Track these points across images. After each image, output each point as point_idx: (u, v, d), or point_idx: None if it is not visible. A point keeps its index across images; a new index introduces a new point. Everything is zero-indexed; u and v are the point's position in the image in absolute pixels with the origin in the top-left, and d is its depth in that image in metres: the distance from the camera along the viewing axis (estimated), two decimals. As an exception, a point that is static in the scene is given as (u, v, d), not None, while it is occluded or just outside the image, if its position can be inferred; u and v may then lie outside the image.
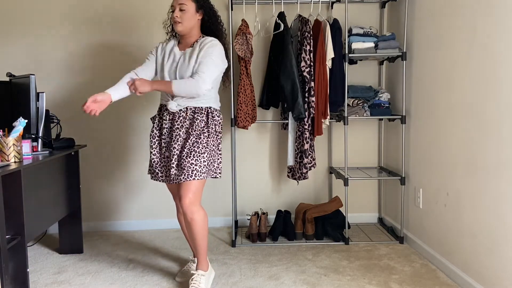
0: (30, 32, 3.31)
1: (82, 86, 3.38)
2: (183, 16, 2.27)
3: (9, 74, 2.72)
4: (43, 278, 2.58)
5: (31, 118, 2.51)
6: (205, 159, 2.25)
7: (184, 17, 2.28)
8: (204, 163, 2.25)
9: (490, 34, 2.09)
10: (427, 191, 2.77)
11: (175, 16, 2.27)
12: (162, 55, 2.37)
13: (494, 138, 2.07)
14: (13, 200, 2.15)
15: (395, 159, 3.29)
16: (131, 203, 3.49)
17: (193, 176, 2.21)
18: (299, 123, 3.04)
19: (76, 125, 3.40)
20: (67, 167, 2.83)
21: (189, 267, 2.55)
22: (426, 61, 2.74)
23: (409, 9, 2.98)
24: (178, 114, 2.29)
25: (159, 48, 2.41)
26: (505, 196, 2.00)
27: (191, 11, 2.29)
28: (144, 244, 3.14)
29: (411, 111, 2.98)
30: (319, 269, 2.63)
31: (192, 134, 2.26)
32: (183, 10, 2.27)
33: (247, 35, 2.98)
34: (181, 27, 2.29)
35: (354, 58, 3.29)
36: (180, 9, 2.27)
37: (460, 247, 2.39)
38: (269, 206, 3.54)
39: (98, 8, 3.33)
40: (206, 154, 2.26)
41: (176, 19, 2.27)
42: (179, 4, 2.27)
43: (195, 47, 2.30)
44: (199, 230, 2.26)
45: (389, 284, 2.42)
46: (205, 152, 2.26)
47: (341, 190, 3.51)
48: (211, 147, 2.30)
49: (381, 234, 3.28)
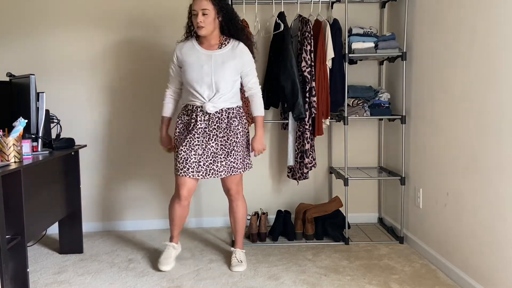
0: (30, 32, 3.31)
1: (82, 86, 3.38)
2: (206, 20, 2.41)
3: (9, 74, 2.72)
4: (43, 278, 2.58)
5: (31, 118, 2.51)
6: (240, 155, 2.56)
7: (207, 21, 2.42)
8: (241, 159, 2.57)
9: (490, 34, 2.09)
10: (427, 191, 2.77)
11: (199, 21, 2.40)
12: (182, 57, 2.54)
13: (494, 138, 2.07)
14: (13, 200, 2.15)
15: (395, 159, 3.29)
16: (131, 203, 3.49)
17: (240, 170, 2.56)
18: (299, 123, 3.04)
19: (76, 125, 3.40)
20: (67, 167, 2.83)
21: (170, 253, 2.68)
22: (426, 61, 2.74)
23: (409, 9, 2.98)
24: (214, 115, 2.51)
25: (177, 52, 2.56)
26: (505, 196, 2.00)
27: (212, 15, 2.43)
28: (144, 244, 3.14)
29: (411, 111, 2.98)
30: (319, 269, 2.63)
31: (230, 135, 2.52)
32: (206, 14, 2.40)
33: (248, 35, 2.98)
34: (205, 31, 2.43)
35: (354, 58, 3.29)
36: (203, 14, 2.40)
37: (460, 247, 2.39)
38: (269, 206, 3.54)
39: (99, 8, 3.33)
40: (241, 152, 2.57)
41: (200, 24, 2.41)
42: (202, 9, 2.40)
43: (226, 51, 2.51)
44: (244, 213, 2.72)
45: (389, 284, 2.42)
46: (241, 150, 2.57)
47: (341, 190, 3.51)
48: (245, 144, 2.61)
49: (381, 234, 3.28)
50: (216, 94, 2.48)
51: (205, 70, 2.46)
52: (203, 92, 2.48)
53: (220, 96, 2.49)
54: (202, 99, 2.49)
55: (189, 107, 2.55)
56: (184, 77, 2.53)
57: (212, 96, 2.48)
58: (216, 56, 2.49)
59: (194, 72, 2.48)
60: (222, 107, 2.50)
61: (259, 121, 2.62)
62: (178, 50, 2.56)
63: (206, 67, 2.47)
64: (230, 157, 2.52)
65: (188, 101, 2.56)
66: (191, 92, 2.51)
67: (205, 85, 2.47)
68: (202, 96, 2.48)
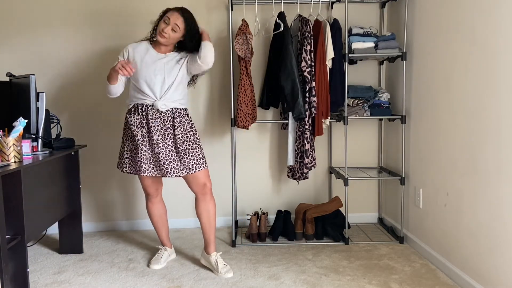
0: (30, 32, 3.31)
1: (82, 86, 3.38)
2: (172, 35, 2.47)
3: (9, 74, 2.72)
4: (43, 278, 2.58)
5: (31, 118, 2.51)
6: (198, 152, 2.58)
7: (172, 36, 2.47)
8: (199, 155, 2.57)
9: (490, 34, 2.09)
10: (427, 191, 2.77)
11: (165, 32, 2.45)
12: (133, 56, 2.54)
13: (494, 138, 2.07)
14: (13, 200, 2.15)
15: (395, 159, 3.29)
16: (131, 203, 3.49)
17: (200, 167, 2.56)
18: (299, 123, 3.04)
19: (76, 125, 3.40)
20: (67, 167, 2.83)
21: (161, 255, 2.77)
22: (426, 61, 2.74)
23: (409, 9, 2.98)
24: (165, 114, 2.53)
25: (129, 52, 2.56)
26: (505, 196, 2.00)
27: (180, 34, 2.49)
28: (144, 244, 3.14)
29: (411, 111, 2.98)
30: (319, 269, 2.63)
31: (184, 133, 2.55)
32: (175, 31, 2.46)
33: (247, 35, 2.98)
34: (165, 42, 2.49)
35: (354, 58, 3.29)
36: (172, 29, 2.45)
37: (460, 247, 2.39)
38: (269, 206, 3.55)
39: (99, 8, 3.33)
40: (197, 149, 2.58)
41: (164, 35, 2.46)
42: (174, 24, 2.45)
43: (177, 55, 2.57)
44: (215, 210, 2.66)
45: (389, 284, 2.42)
46: (197, 147, 2.58)
47: (341, 190, 3.51)
48: (199, 142, 2.61)
49: (381, 234, 3.28)
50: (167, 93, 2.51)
51: (157, 66, 2.50)
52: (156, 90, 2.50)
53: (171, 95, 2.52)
54: (152, 97, 2.51)
55: (137, 106, 2.54)
56: (135, 75, 2.52)
57: (163, 94, 2.51)
58: (169, 57, 2.55)
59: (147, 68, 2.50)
60: (172, 106, 2.53)
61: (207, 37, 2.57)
62: (131, 47, 2.57)
63: (157, 64, 2.51)
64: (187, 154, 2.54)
65: (137, 100, 2.55)
66: (142, 90, 2.51)
67: (158, 83, 2.50)
68: (154, 93, 2.50)
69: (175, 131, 2.53)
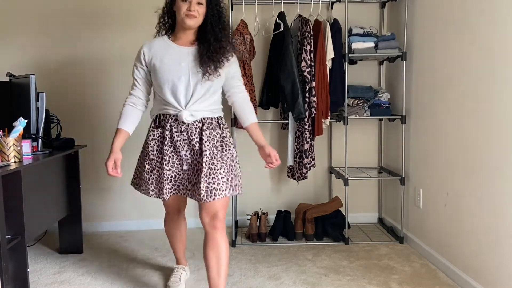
0: (30, 32, 3.31)
1: (83, 86, 3.38)
2: (200, 10, 2.01)
3: (9, 74, 2.72)
4: (43, 278, 2.58)
5: (31, 118, 2.51)
6: (223, 175, 2.01)
7: (201, 11, 2.01)
8: (223, 179, 2.01)
9: (490, 34, 2.09)
10: (427, 191, 2.77)
11: (193, 10, 1.98)
12: (151, 58, 2.08)
13: (494, 138, 2.07)
14: (13, 200, 2.15)
15: (395, 159, 3.29)
16: (131, 204, 3.49)
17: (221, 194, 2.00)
18: (299, 123, 3.04)
19: (76, 125, 3.40)
20: (67, 167, 2.83)
21: (178, 275, 2.44)
22: (426, 61, 2.74)
23: (409, 9, 2.98)
24: (192, 125, 2.06)
25: (146, 53, 2.09)
26: (505, 196, 2.00)
27: (204, 8, 2.04)
28: (144, 244, 3.14)
29: (411, 111, 2.98)
30: (319, 269, 2.63)
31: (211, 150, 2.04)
32: (201, 4, 2.01)
33: (245, 35, 2.98)
34: (195, 21, 2.01)
35: (354, 58, 3.29)
36: (198, 3, 2.00)
37: (460, 247, 2.39)
38: (269, 206, 3.55)
39: (98, 8, 3.33)
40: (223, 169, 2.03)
41: (194, 13, 1.98)
42: None
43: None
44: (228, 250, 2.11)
45: (389, 284, 2.42)
46: (222, 167, 2.03)
47: (341, 190, 3.51)
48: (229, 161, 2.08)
49: (381, 234, 3.28)
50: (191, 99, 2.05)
51: (182, 67, 2.03)
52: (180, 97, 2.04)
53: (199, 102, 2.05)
54: (177, 107, 2.05)
55: (161, 117, 2.12)
56: (155, 80, 2.07)
57: (188, 102, 2.05)
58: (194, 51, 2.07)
59: (162, 73, 2.03)
60: (201, 116, 2.06)
61: (258, 130, 2.19)
62: (146, 48, 2.09)
63: (182, 64, 2.04)
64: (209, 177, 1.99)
65: (159, 111, 2.12)
66: (163, 99, 2.08)
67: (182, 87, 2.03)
68: (178, 102, 2.04)
69: (202, 146, 2.04)
